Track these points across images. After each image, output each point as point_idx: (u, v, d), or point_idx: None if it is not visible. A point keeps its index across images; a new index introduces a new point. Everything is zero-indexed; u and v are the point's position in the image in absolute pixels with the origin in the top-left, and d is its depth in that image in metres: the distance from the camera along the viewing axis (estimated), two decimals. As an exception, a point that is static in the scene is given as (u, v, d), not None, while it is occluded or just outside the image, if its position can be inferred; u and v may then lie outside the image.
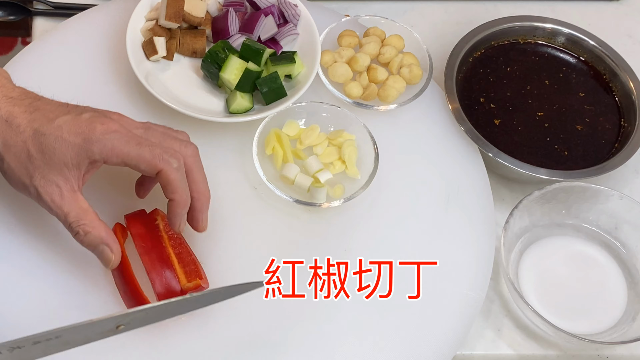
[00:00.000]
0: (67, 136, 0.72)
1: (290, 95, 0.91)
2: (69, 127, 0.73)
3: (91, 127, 0.73)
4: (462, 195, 0.90)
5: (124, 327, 0.70)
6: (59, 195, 0.73)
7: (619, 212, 0.90)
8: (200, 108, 0.91)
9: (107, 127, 0.73)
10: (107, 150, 0.73)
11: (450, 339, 0.81)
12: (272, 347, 0.78)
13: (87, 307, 0.78)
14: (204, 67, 0.93)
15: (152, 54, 0.92)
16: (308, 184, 0.86)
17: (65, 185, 0.73)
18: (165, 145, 0.76)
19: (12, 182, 0.75)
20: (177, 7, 0.92)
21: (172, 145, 0.76)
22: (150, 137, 0.75)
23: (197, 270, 0.78)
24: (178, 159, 0.75)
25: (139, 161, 0.74)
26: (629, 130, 0.97)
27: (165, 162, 0.74)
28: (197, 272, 0.78)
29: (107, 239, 0.74)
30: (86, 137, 0.72)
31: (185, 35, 0.95)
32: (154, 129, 0.77)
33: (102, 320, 0.68)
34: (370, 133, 0.90)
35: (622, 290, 0.89)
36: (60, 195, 0.73)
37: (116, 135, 0.73)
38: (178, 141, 0.77)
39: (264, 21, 0.96)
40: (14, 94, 0.76)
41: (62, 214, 0.73)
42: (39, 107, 0.75)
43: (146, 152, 0.74)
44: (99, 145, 0.72)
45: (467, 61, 1.01)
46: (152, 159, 0.74)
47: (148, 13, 0.95)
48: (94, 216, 0.74)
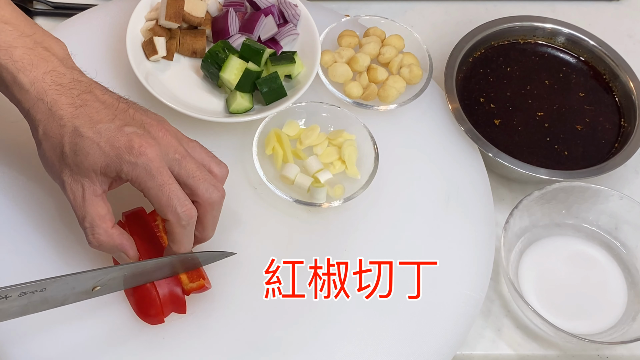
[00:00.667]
0: (104, 145, 0.71)
1: (290, 95, 0.91)
2: (108, 136, 0.72)
3: (129, 145, 0.71)
4: (462, 195, 0.90)
5: (100, 288, 0.73)
6: (81, 196, 0.73)
7: (619, 212, 0.90)
8: (200, 108, 0.91)
9: (142, 151, 0.71)
10: (133, 175, 0.72)
11: (450, 339, 0.81)
12: (272, 347, 0.78)
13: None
14: (204, 67, 0.93)
15: (152, 54, 0.92)
16: (308, 184, 0.86)
17: (89, 188, 0.73)
18: (192, 184, 0.74)
19: (46, 167, 0.76)
20: (177, 7, 0.92)
21: (199, 187, 0.74)
22: (181, 170, 0.74)
23: (199, 270, 0.78)
24: (189, 215, 0.74)
25: (154, 201, 0.73)
26: (629, 130, 0.97)
27: (175, 216, 0.73)
28: (199, 272, 0.78)
29: (122, 246, 0.74)
30: (119, 154, 0.71)
31: (185, 35, 0.95)
32: (190, 160, 0.75)
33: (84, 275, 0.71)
34: (370, 133, 0.90)
35: (622, 290, 0.89)
36: (82, 197, 0.73)
37: (146, 164, 0.71)
38: (207, 183, 0.75)
39: (264, 21, 0.96)
40: (64, 80, 0.74)
41: (80, 216, 0.73)
42: (86, 101, 0.74)
43: (163, 197, 0.72)
44: (127, 167, 0.71)
45: (467, 61, 1.01)
46: (166, 207, 0.73)
47: (148, 13, 0.95)
48: (110, 224, 0.73)
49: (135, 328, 0.77)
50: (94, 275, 0.72)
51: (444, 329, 0.82)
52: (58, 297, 0.71)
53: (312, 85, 0.92)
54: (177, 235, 0.74)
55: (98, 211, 0.73)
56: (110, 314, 0.78)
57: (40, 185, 0.84)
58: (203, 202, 0.75)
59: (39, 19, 1.04)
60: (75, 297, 0.72)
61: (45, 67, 0.74)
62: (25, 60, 0.73)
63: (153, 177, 0.72)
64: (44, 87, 0.73)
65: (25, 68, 0.73)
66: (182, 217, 0.73)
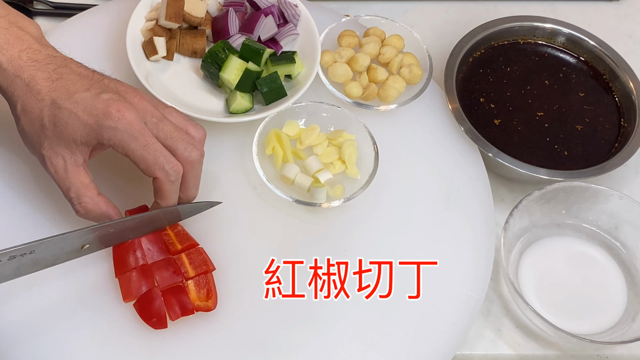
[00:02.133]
0: (82, 114, 0.73)
1: (290, 95, 0.91)
2: (85, 105, 0.74)
3: (106, 111, 0.73)
4: (462, 195, 0.90)
5: (89, 246, 0.75)
6: (63, 168, 0.74)
7: (619, 212, 0.90)
8: (200, 108, 0.91)
9: (121, 115, 0.73)
10: (115, 140, 0.74)
11: (450, 339, 0.81)
12: (272, 347, 0.78)
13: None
14: (204, 67, 0.93)
15: (152, 54, 0.92)
16: (308, 184, 0.86)
17: (70, 159, 0.74)
18: (171, 144, 0.76)
19: (26, 143, 0.77)
20: (177, 7, 0.92)
21: (178, 147, 0.76)
22: (159, 132, 0.76)
23: (210, 289, 0.79)
24: (177, 171, 0.76)
25: (140, 162, 0.75)
26: (629, 130, 0.97)
27: (163, 172, 0.75)
28: (209, 290, 0.79)
29: (108, 212, 0.77)
30: (99, 121, 0.73)
31: (185, 35, 0.95)
32: (167, 123, 0.77)
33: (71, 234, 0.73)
34: (370, 133, 0.90)
35: (622, 290, 0.89)
36: (64, 169, 0.74)
37: (127, 127, 0.73)
38: (185, 142, 0.77)
39: (264, 21, 0.96)
40: (39, 56, 0.76)
41: (64, 187, 0.75)
42: (62, 74, 0.76)
43: (149, 157, 0.74)
44: (108, 132, 0.73)
45: (467, 61, 1.01)
46: (153, 165, 0.75)
47: (148, 13, 0.95)
48: (95, 191, 0.76)
49: (135, 329, 0.77)
50: (81, 234, 0.74)
51: (444, 329, 0.82)
52: (49, 257, 0.73)
53: (312, 85, 0.92)
54: (166, 191, 0.76)
55: (82, 180, 0.75)
56: (111, 315, 0.78)
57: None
58: (183, 161, 0.76)
59: (39, 19, 1.04)
60: (66, 256, 0.75)
61: (20, 45, 0.76)
62: (1, 40, 0.75)
63: (136, 138, 0.74)
64: (20, 64, 0.75)
65: (2, 47, 0.75)
66: (170, 173, 0.75)
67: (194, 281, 0.78)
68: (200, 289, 0.78)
